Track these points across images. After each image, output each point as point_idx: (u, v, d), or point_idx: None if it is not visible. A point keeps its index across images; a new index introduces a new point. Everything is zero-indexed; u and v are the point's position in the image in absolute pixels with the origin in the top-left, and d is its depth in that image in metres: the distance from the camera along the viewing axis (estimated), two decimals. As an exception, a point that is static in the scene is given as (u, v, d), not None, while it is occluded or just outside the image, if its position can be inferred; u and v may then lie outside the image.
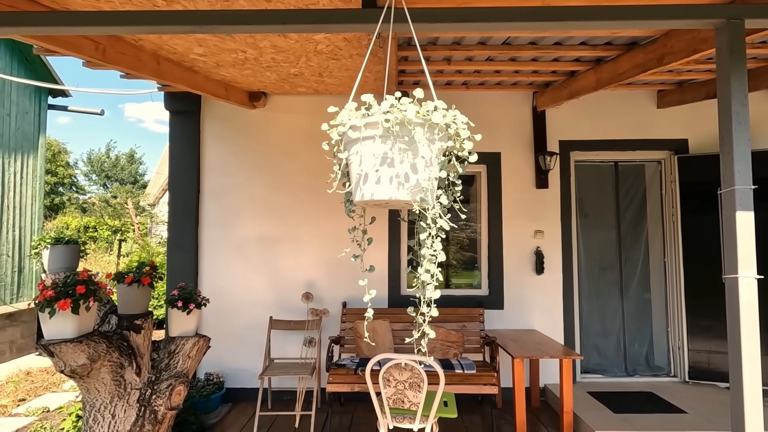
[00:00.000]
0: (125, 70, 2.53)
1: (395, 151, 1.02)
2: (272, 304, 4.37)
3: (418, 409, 2.67)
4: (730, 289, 1.52)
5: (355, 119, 1.03)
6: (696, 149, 4.42)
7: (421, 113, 1.02)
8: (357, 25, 1.68)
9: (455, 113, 1.04)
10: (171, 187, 4.41)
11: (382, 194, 1.03)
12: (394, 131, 0.99)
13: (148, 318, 2.98)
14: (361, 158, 1.07)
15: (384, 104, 1.01)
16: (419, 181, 1.04)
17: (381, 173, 1.02)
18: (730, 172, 1.53)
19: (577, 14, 1.51)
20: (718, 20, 1.53)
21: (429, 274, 1.18)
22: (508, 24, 1.58)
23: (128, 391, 2.87)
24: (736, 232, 1.48)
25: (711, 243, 4.18)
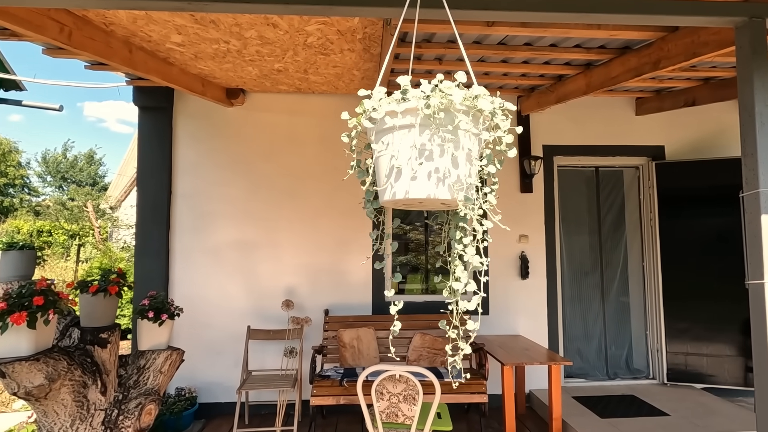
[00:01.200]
0: (93, 58, 2.29)
1: (435, 143, 0.87)
2: (249, 312, 4.13)
3: (412, 423, 2.53)
4: (755, 295, 1.48)
5: (389, 106, 0.89)
6: (672, 156, 4.53)
7: (467, 99, 0.89)
8: (372, 9, 1.50)
9: (501, 101, 0.91)
10: (140, 188, 4.11)
11: (419, 192, 0.88)
12: (437, 119, 0.85)
13: (114, 331, 2.72)
14: (392, 151, 0.91)
15: (424, 87, 0.87)
16: (460, 177, 0.89)
17: (418, 168, 0.87)
18: (753, 174, 1.50)
19: (603, 6, 1.44)
20: (740, 18, 1.51)
21: (461, 282, 1.05)
22: (544, 14, 1.48)
23: (92, 412, 2.60)
24: (761, 236, 1.45)
25: (687, 247, 4.28)
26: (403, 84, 0.96)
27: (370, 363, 3.81)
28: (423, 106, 0.87)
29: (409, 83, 0.95)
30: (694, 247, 4.27)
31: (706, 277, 4.22)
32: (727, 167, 4.22)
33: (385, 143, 0.96)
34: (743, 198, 1.55)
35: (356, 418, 3.97)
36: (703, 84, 3.67)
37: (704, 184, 4.27)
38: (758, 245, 1.45)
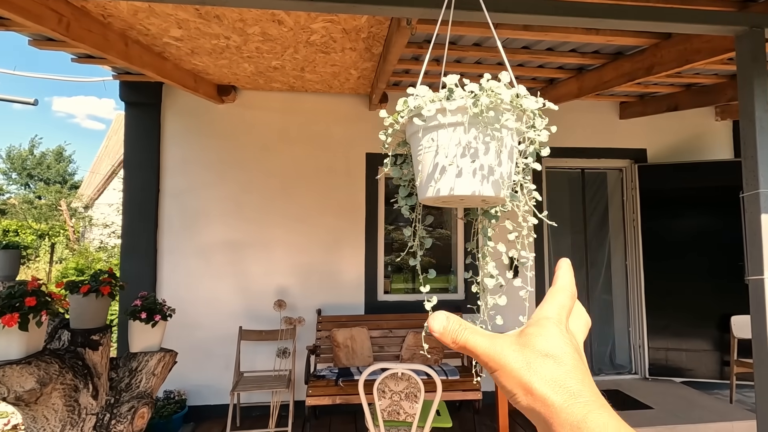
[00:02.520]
0: (90, 50, 2.21)
1: (480, 141, 0.89)
2: (240, 313, 4.07)
3: (414, 421, 2.55)
4: (755, 290, 1.57)
5: (438, 104, 0.90)
6: (653, 158, 4.71)
7: (510, 98, 0.91)
8: (403, 8, 1.48)
9: (544, 100, 0.94)
10: (126, 186, 3.99)
11: (464, 189, 0.90)
12: (485, 118, 0.87)
13: (106, 333, 2.64)
14: (437, 149, 0.93)
15: (472, 87, 0.89)
16: (503, 174, 0.91)
17: (463, 165, 0.89)
18: (753, 175, 1.59)
19: (617, 12, 1.50)
20: (740, 27, 1.60)
21: (493, 279, 1.08)
22: (563, 19, 1.53)
23: (83, 417, 2.51)
24: (761, 234, 1.53)
25: (668, 247, 4.46)
26: (449, 83, 0.98)
27: (364, 362, 3.81)
28: (471, 105, 0.89)
29: (456, 81, 0.96)
30: (674, 246, 4.44)
31: (685, 275, 4.40)
32: (705, 170, 4.41)
33: (430, 141, 0.98)
34: (743, 198, 1.64)
35: (349, 418, 3.97)
36: (685, 90, 3.84)
37: (683, 186, 4.46)
38: (758, 243, 1.54)
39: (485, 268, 1.28)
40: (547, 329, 0.35)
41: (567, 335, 0.36)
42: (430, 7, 1.37)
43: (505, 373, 0.34)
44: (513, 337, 0.36)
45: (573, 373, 0.33)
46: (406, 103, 1.07)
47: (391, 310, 4.23)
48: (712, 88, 3.61)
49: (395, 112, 1.17)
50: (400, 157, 1.27)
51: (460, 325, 0.38)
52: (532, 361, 0.33)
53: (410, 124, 1.05)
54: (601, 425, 0.29)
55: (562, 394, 0.31)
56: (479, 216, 1.28)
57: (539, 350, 0.34)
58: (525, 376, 0.33)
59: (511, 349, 0.35)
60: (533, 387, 0.32)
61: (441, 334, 0.38)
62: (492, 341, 0.36)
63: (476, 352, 0.36)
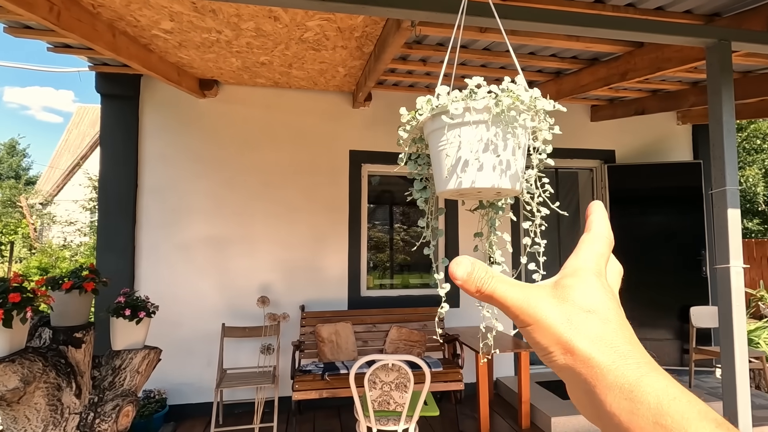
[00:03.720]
0: (79, 40, 2.15)
1: (499, 138, 0.99)
2: (222, 310, 4.03)
3: (403, 410, 2.63)
4: (722, 277, 1.73)
5: (465, 102, 0.99)
6: (621, 159, 4.98)
7: (528, 99, 1.01)
8: (414, 11, 1.52)
9: (555, 102, 1.04)
10: (102, 181, 3.87)
11: (485, 182, 0.99)
12: (506, 117, 0.97)
13: (89, 330, 2.59)
14: (460, 144, 1.02)
15: (493, 88, 0.98)
16: (518, 169, 1.02)
17: (484, 160, 0.98)
18: (721, 174, 1.75)
19: (602, 22, 1.62)
20: (711, 40, 1.75)
21: (500, 266, 1.17)
22: (551, 26, 1.64)
23: (66, 416, 2.46)
24: (727, 227, 1.69)
25: (635, 243, 4.73)
26: (473, 83, 1.06)
27: (349, 357, 3.87)
28: (493, 104, 0.98)
29: (483, 81, 1.05)
30: (640, 242, 4.72)
31: (650, 269, 4.69)
32: (667, 171, 4.72)
33: (452, 137, 1.07)
34: (712, 194, 1.81)
35: (333, 412, 4.01)
36: (651, 95, 4.09)
37: (648, 186, 4.75)
38: (725, 235, 1.70)
39: (492, 256, 1.38)
40: (586, 281, 0.32)
41: (609, 289, 0.32)
42: (442, 11, 1.45)
43: (541, 328, 0.30)
44: (548, 288, 0.33)
45: (620, 332, 0.30)
46: (429, 102, 1.14)
47: (374, 305, 4.29)
48: (676, 94, 3.87)
49: (413, 110, 1.25)
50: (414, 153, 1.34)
51: (487, 272, 0.33)
52: (573, 317, 0.30)
53: (432, 122, 1.13)
54: (660, 389, 0.26)
55: (610, 354, 0.28)
56: (486, 208, 1.37)
57: (580, 305, 0.30)
58: (565, 333, 0.29)
59: (547, 302, 0.31)
60: (575, 345, 0.29)
61: (464, 281, 0.33)
62: (525, 292, 0.32)
63: (506, 303, 0.32)
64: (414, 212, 4.83)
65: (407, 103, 1.15)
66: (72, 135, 18.30)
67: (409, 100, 4.45)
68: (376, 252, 4.63)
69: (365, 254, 4.41)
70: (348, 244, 4.32)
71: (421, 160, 1.25)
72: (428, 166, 1.25)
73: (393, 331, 4.04)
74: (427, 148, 1.26)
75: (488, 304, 1.53)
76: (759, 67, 3.15)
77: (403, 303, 4.36)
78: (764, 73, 3.27)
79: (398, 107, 3.72)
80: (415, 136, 1.27)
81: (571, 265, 0.34)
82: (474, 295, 0.33)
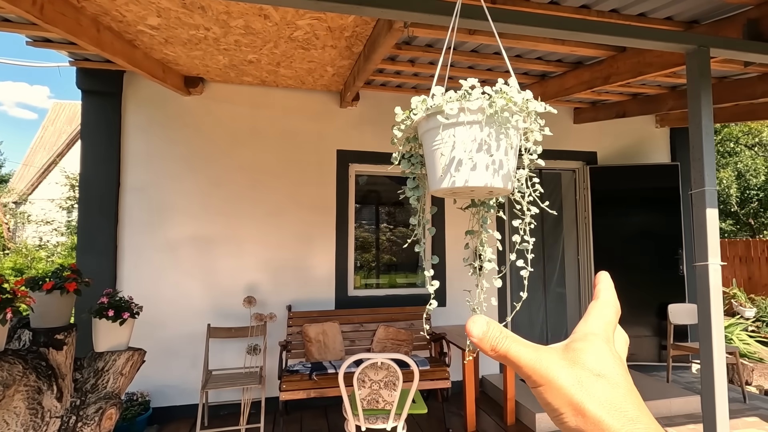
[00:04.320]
0: (63, 34, 2.09)
1: (492, 138, 1.02)
2: (207, 311, 3.98)
3: (392, 408, 2.65)
4: (701, 274, 1.80)
5: (459, 103, 1.01)
6: (603, 161, 5.11)
7: (521, 101, 1.04)
8: (404, 12, 1.53)
9: (546, 104, 1.08)
10: (83, 180, 3.78)
11: (478, 181, 1.02)
12: (499, 118, 1.00)
13: (71, 331, 2.53)
14: (454, 144, 1.05)
15: (487, 88, 1.01)
16: (510, 169, 1.05)
17: (477, 160, 1.01)
18: (700, 175, 1.82)
19: (586, 26, 1.67)
20: (690, 46, 1.82)
21: (491, 263, 1.20)
22: (538, 29, 1.67)
23: (47, 420, 2.40)
24: (706, 226, 1.76)
25: (616, 242, 4.86)
26: (467, 85, 1.08)
27: (336, 356, 3.86)
28: (487, 105, 1.01)
29: (477, 83, 1.07)
30: (621, 242, 4.85)
31: (629, 268, 4.82)
32: (646, 172, 4.85)
33: (446, 137, 1.09)
34: (692, 195, 1.88)
35: (320, 412, 4.00)
36: (632, 99, 4.21)
37: (629, 187, 4.88)
38: (704, 234, 1.77)
39: (483, 253, 1.40)
40: (596, 346, 0.33)
41: (617, 354, 0.34)
42: (436, 13, 1.47)
43: (553, 389, 0.31)
44: (559, 351, 0.34)
45: (629, 397, 0.31)
46: (425, 102, 1.16)
47: (361, 305, 4.30)
48: (656, 98, 3.99)
49: (408, 110, 1.27)
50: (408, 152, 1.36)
51: (501, 332, 0.35)
52: (583, 380, 0.31)
53: (427, 121, 1.15)
54: None
55: (620, 418, 0.29)
56: (478, 207, 1.40)
57: (590, 368, 0.32)
58: (576, 395, 0.30)
59: (558, 364, 0.32)
60: (586, 408, 0.30)
61: (480, 339, 0.35)
62: (537, 353, 0.33)
63: (519, 363, 0.33)
64: (400, 212, 4.85)
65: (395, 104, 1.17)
66: (48, 132, 17.77)
67: (397, 101, 4.47)
68: (362, 252, 4.64)
69: (353, 254, 4.42)
70: (335, 243, 4.31)
71: (415, 159, 1.27)
72: (421, 166, 1.27)
73: (380, 331, 4.06)
74: (420, 148, 1.28)
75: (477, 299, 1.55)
76: (733, 73, 3.28)
77: (389, 302, 4.38)
78: (738, 79, 3.40)
79: (386, 107, 3.87)
80: (409, 135, 1.29)
81: (581, 330, 0.36)
82: (489, 353, 0.34)
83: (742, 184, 10.04)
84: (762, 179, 9.85)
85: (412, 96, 2.57)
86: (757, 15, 2.02)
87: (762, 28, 1.96)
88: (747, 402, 4.10)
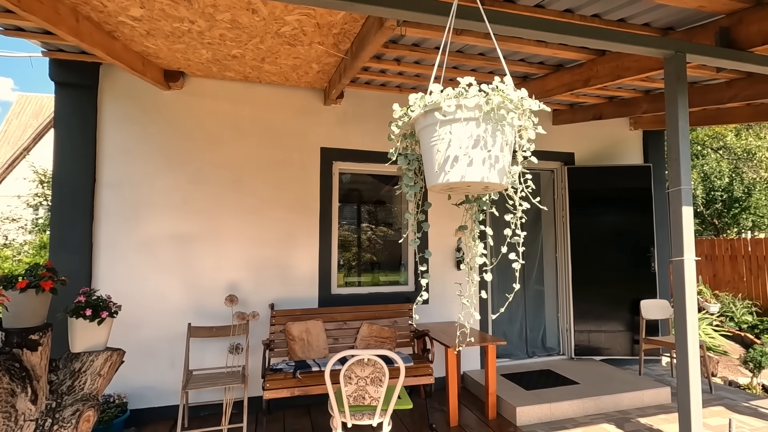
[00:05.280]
0: (40, 23, 2.01)
1: (488, 134, 1.05)
2: (187, 310, 3.90)
3: (378, 404, 2.66)
4: (677, 269, 1.89)
5: (456, 100, 1.04)
6: (580, 161, 5.26)
7: (516, 98, 1.08)
8: (397, 11, 1.53)
9: (540, 103, 1.12)
10: (56, 175, 3.64)
11: (474, 176, 1.06)
12: (495, 115, 1.03)
13: (46, 332, 2.45)
14: (450, 141, 1.08)
15: (484, 86, 1.05)
16: (505, 164, 1.09)
17: (474, 156, 1.05)
18: (677, 175, 1.90)
19: (570, 30, 1.72)
20: (668, 51, 1.90)
21: (483, 258, 1.23)
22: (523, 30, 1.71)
23: (20, 423, 2.33)
24: (682, 223, 1.85)
25: (592, 240, 5.01)
26: (464, 82, 1.11)
27: (320, 354, 3.85)
28: (484, 102, 1.03)
29: (474, 81, 1.09)
30: (596, 240, 5.01)
31: (604, 265, 4.99)
32: (620, 173, 5.03)
33: (442, 134, 1.11)
34: (668, 193, 1.96)
35: (302, 411, 3.98)
36: (608, 101, 4.35)
37: (605, 187, 5.04)
38: (680, 230, 1.86)
39: (474, 249, 1.44)
40: None
41: None
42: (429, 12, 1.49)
43: None
44: None
45: None
46: (423, 99, 1.18)
47: (344, 303, 4.30)
48: (631, 101, 4.14)
49: (406, 106, 1.29)
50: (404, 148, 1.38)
51: None
52: None
53: (425, 118, 1.17)
54: None
55: None
56: (471, 203, 1.43)
57: None
58: None
59: None
60: None
61: None
62: None
63: None
64: (382, 211, 4.87)
65: (378, 102, 1.14)
66: (12, 126, 16.99)
67: (381, 99, 4.49)
68: (345, 250, 4.64)
69: (336, 252, 4.41)
70: (318, 241, 4.30)
71: (411, 155, 1.29)
72: (418, 162, 1.29)
73: (364, 328, 4.07)
74: (417, 145, 1.30)
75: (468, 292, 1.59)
76: (703, 78, 3.43)
77: (372, 300, 4.40)
78: (707, 85, 3.57)
79: (370, 105, 3.91)
80: (406, 132, 1.31)
81: None
82: None
83: (707, 186, 10.51)
84: (726, 181, 10.32)
85: (396, 95, 2.69)
86: (728, 23, 2.13)
87: (733, 35, 2.08)
88: (713, 392, 4.30)
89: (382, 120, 4.52)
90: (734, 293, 7.78)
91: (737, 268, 7.95)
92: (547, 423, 3.66)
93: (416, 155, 1.26)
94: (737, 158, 10.36)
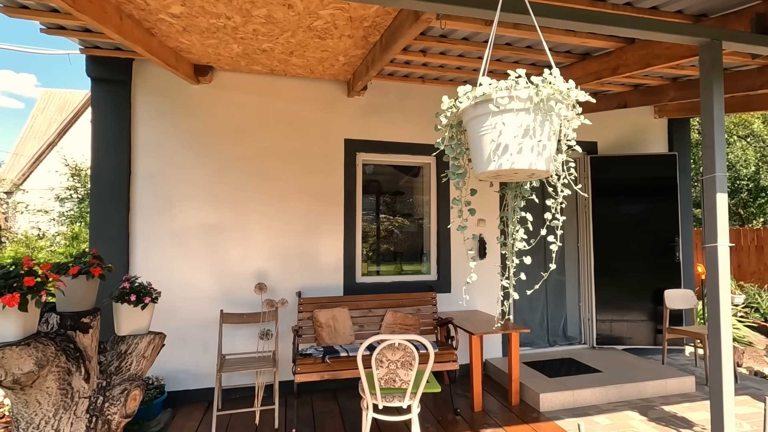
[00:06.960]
0: (92, 23, 2.11)
1: (538, 123, 1.11)
2: (217, 297, 4.05)
3: (408, 387, 2.76)
4: (710, 255, 1.91)
5: (509, 91, 1.10)
6: (603, 150, 5.22)
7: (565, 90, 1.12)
8: (436, 4, 1.59)
9: (587, 94, 1.16)
10: (94, 169, 3.79)
11: (523, 163, 1.12)
12: (544, 106, 1.09)
13: (96, 315, 2.59)
14: (500, 130, 1.14)
15: (535, 79, 1.10)
16: (551, 152, 1.15)
17: (523, 144, 1.11)
18: (711, 162, 1.92)
19: (605, 19, 1.74)
20: (704, 39, 1.91)
21: (522, 242, 1.29)
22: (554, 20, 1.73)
23: (75, 400, 2.48)
24: (716, 209, 1.87)
25: (614, 230, 5.00)
26: (515, 75, 1.16)
27: (347, 341, 3.97)
28: (534, 94, 1.09)
29: (523, 73, 1.14)
30: (619, 229, 4.99)
31: (627, 255, 4.97)
32: (644, 162, 4.98)
33: (492, 124, 1.17)
34: (703, 180, 1.98)
35: (329, 395, 4.11)
36: (633, 90, 4.30)
37: (627, 176, 5.01)
38: (713, 217, 1.88)
39: (515, 234, 1.50)
40: None
41: None
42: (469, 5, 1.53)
43: None
44: None
45: None
46: (473, 91, 1.24)
47: (368, 291, 4.39)
48: (657, 89, 4.09)
49: (454, 98, 1.35)
50: (450, 138, 1.44)
51: None
52: None
53: (474, 109, 1.23)
54: None
55: None
56: (513, 190, 1.49)
57: None
58: None
59: None
60: None
61: None
62: None
63: None
64: (402, 201, 4.92)
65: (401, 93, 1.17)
66: (37, 121, 17.48)
67: (403, 90, 4.52)
68: (367, 239, 4.72)
69: (360, 241, 4.50)
70: (343, 231, 4.39)
71: (457, 145, 1.36)
72: (465, 150, 1.35)
73: (388, 316, 4.16)
74: (463, 134, 1.36)
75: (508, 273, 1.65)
76: (734, 65, 3.38)
77: (396, 289, 4.48)
78: (739, 71, 3.51)
79: (392, 97, 4.02)
80: (452, 123, 1.37)
81: None
82: None
83: (732, 175, 10.28)
84: (752, 170, 10.08)
85: (419, 86, 2.78)
86: (765, 9, 2.11)
87: (770, 22, 2.06)
88: (738, 382, 4.29)
89: (404, 111, 4.56)
90: (760, 284, 7.65)
91: (763, 258, 7.81)
92: (570, 409, 3.72)
93: (462, 144, 1.33)
94: (765, 146, 10.09)
